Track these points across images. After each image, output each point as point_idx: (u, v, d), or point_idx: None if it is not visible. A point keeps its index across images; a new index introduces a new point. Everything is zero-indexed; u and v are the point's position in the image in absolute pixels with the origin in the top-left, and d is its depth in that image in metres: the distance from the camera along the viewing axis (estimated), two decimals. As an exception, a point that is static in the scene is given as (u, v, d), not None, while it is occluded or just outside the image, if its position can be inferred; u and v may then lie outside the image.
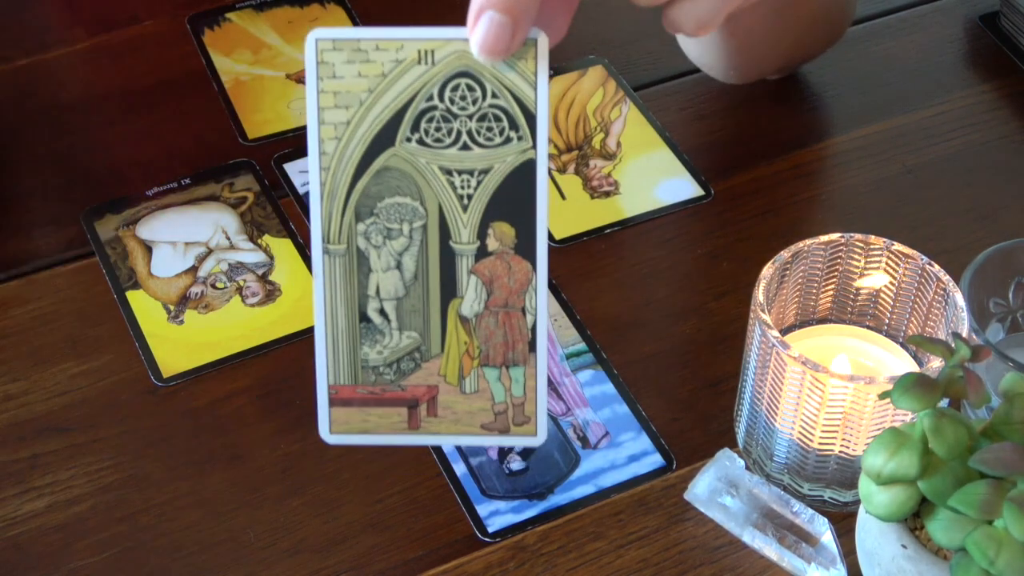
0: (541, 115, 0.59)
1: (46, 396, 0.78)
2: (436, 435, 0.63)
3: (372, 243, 0.61)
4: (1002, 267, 0.75)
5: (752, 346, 0.70)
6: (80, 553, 0.71)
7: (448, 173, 0.60)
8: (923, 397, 0.59)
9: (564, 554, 0.71)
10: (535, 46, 0.58)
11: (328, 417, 0.63)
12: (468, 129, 0.60)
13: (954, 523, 0.58)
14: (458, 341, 0.62)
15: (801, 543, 0.70)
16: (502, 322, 0.62)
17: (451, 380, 0.63)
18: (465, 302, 0.62)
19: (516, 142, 0.60)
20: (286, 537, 0.72)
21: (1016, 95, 0.95)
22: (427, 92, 0.59)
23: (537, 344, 0.62)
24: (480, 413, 0.63)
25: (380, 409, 0.63)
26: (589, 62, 0.96)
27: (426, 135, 0.60)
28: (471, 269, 0.61)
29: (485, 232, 0.61)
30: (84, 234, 0.86)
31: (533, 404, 0.62)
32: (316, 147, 0.60)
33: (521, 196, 0.60)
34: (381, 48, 0.59)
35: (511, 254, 0.61)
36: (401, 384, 0.62)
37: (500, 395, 0.63)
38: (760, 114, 0.94)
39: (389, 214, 0.60)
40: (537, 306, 0.61)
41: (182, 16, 1.00)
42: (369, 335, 0.62)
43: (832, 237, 0.72)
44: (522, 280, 0.61)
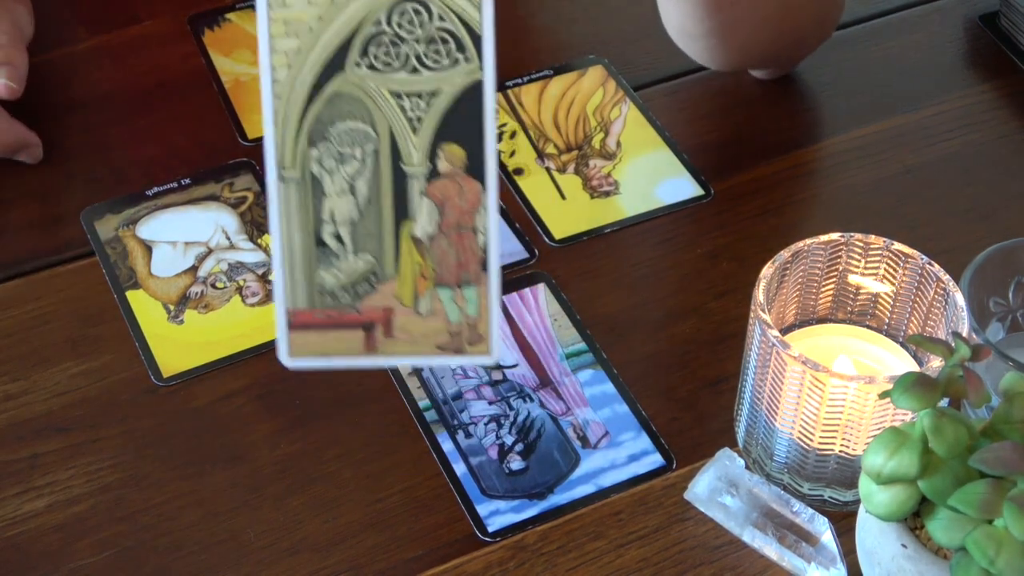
0: (487, 36, 0.60)
1: (46, 396, 0.78)
2: (393, 356, 0.64)
3: (325, 168, 0.62)
4: (1002, 267, 0.75)
5: (752, 346, 0.70)
6: (80, 553, 0.71)
7: (398, 96, 0.61)
8: (923, 397, 0.59)
9: (564, 554, 0.71)
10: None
11: (287, 341, 0.63)
12: (416, 53, 0.61)
13: (954, 523, 0.58)
14: (412, 263, 0.63)
15: (801, 542, 0.70)
16: (454, 242, 0.62)
17: (406, 302, 0.63)
18: (418, 224, 0.62)
19: (464, 64, 0.61)
20: (286, 537, 0.72)
21: (1016, 95, 0.95)
22: (374, 17, 0.60)
23: (489, 264, 0.62)
24: (435, 334, 0.63)
25: (337, 332, 0.63)
26: (589, 62, 0.96)
27: (375, 60, 0.61)
28: (423, 191, 0.62)
29: (436, 154, 0.62)
30: (84, 234, 0.86)
31: (487, 323, 0.63)
32: (268, 75, 0.61)
33: (470, 118, 0.61)
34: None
35: (462, 175, 0.62)
36: (357, 307, 0.63)
37: (455, 315, 0.63)
38: (760, 114, 0.94)
39: (341, 139, 0.61)
40: (489, 226, 0.62)
41: (182, 16, 1.00)
42: (325, 259, 0.63)
43: (832, 237, 0.72)
44: (473, 200, 0.62)
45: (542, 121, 0.93)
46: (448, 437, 0.76)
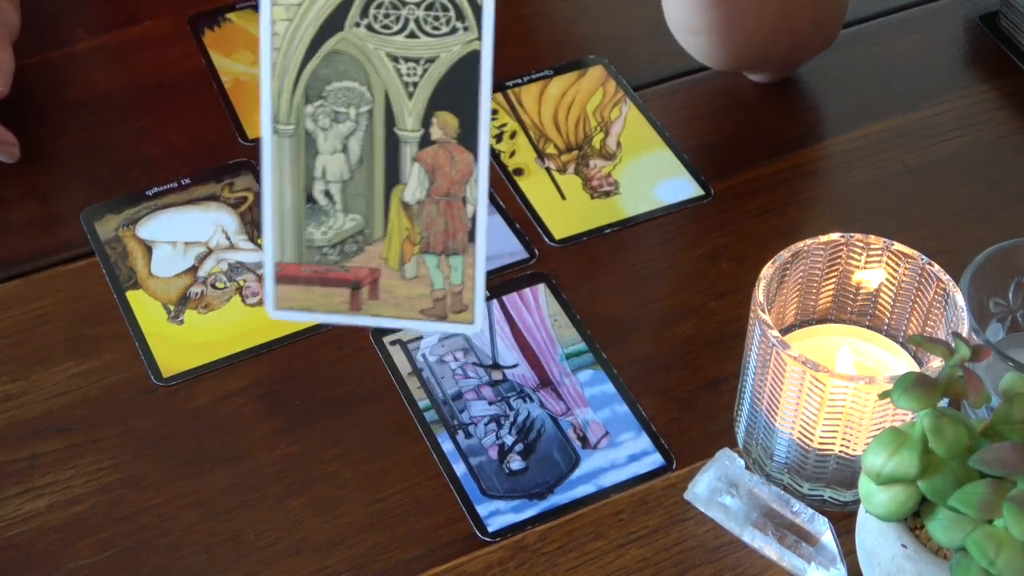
0: (487, 6, 0.60)
1: (46, 396, 0.78)
2: (376, 317, 0.64)
3: (320, 125, 0.62)
4: (1002, 267, 0.75)
5: (752, 346, 0.70)
6: (80, 553, 0.71)
7: (395, 60, 0.61)
8: (923, 397, 0.59)
9: (564, 554, 0.71)
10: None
11: (273, 293, 0.64)
12: (416, 17, 0.61)
13: (954, 523, 0.58)
14: (400, 227, 0.63)
15: (801, 543, 0.70)
16: (443, 210, 0.63)
17: (392, 264, 0.64)
18: (408, 189, 0.63)
19: (462, 32, 0.61)
20: (286, 537, 0.72)
21: (1016, 95, 0.95)
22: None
23: (476, 234, 0.63)
24: (419, 299, 0.64)
25: (324, 288, 0.64)
26: (589, 62, 0.96)
27: (375, 21, 0.61)
28: (415, 156, 0.62)
29: (429, 120, 0.62)
30: (84, 234, 0.86)
31: (471, 292, 0.64)
32: (268, 27, 0.61)
33: (465, 87, 0.61)
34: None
35: (454, 144, 0.62)
36: (344, 265, 0.64)
37: (439, 282, 0.64)
38: (760, 114, 0.94)
39: (337, 97, 0.62)
40: (478, 197, 0.62)
41: (182, 16, 1.00)
42: (314, 216, 0.63)
43: (832, 237, 0.72)
44: (464, 171, 0.62)
45: (542, 121, 0.93)
46: (448, 437, 0.76)
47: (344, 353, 0.79)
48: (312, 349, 0.80)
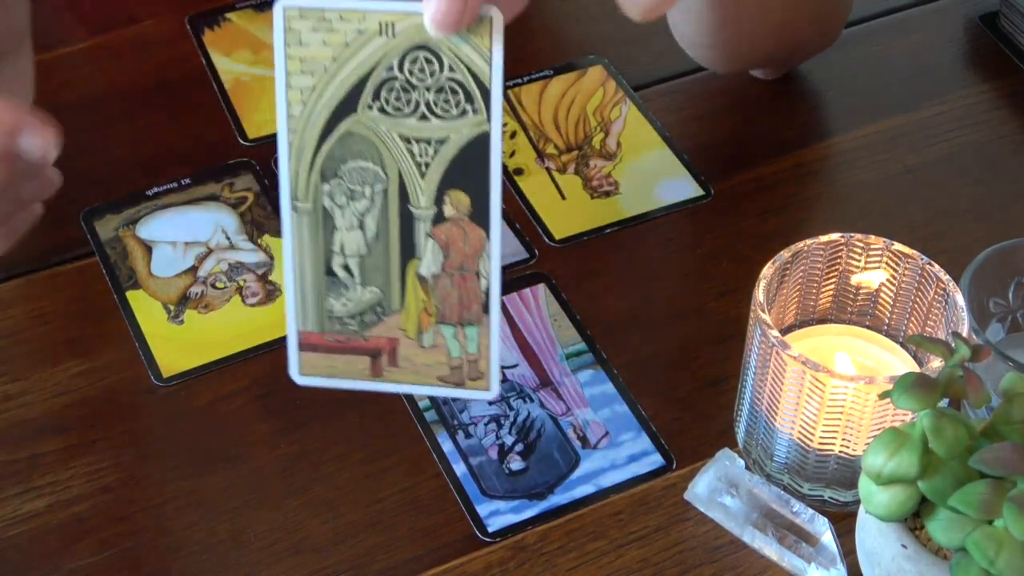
0: (495, 90, 0.61)
1: (46, 396, 0.78)
2: (397, 383, 0.66)
3: (336, 203, 0.63)
4: (1002, 267, 0.75)
5: (752, 346, 0.70)
6: (80, 553, 0.71)
7: (407, 141, 0.62)
8: (923, 397, 0.59)
9: (564, 554, 0.71)
10: (490, 23, 0.60)
11: (298, 360, 0.66)
12: (427, 100, 0.62)
13: (954, 523, 0.58)
14: (417, 299, 0.65)
15: (801, 543, 0.70)
16: (457, 284, 0.64)
17: (411, 334, 0.65)
18: (423, 263, 0.64)
19: (472, 115, 0.62)
20: (286, 537, 0.72)
21: (1016, 95, 0.95)
22: (387, 63, 0.61)
23: (491, 306, 0.64)
24: (437, 366, 0.65)
25: (345, 356, 0.66)
26: (589, 62, 0.96)
27: (387, 104, 0.62)
28: (429, 232, 0.64)
29: (442, 199, 0.63)
30: (84, 234, 0.86)
31: (487, 361, 0.65)
32: (284, 110, 0.62)
33: (476, 167, 0.62)
34: (344, 18, 0.61)
35: (466, 221, 0.63)
36: (364, 335, 0.65)
37: (456, 351, 0.65)
38: (760, 114, 0.94)
39: (352, 176, 0.63)
40: (491, 271, 0.64)
41: (182, 16, 1.00)
42: (334, 288, 0.65)
43: (832, 237, 0.72)
44: (476, 246, 0.63)
45: (542, 121, 0.93)
46: (448, 437, 0.76)
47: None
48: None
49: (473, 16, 0.59)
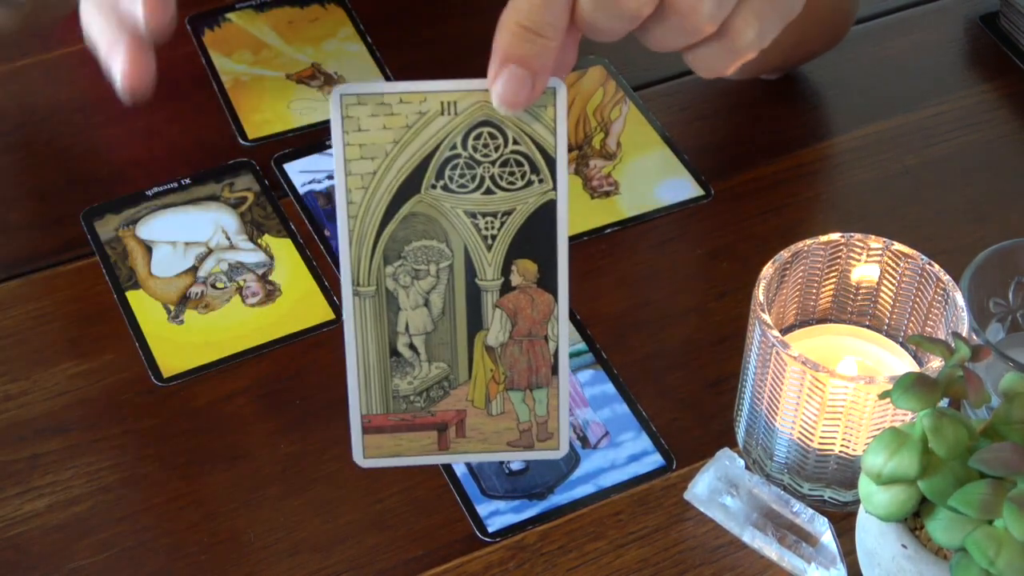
0: (560, 158, 0.62)
1: (46, 396, 0.78)
2: (465, 454, 0.66)
3: (400, 284, 0.64)
4: (1002, 267, 0.75)
5: (752, 346, 0.70)
6: (80, 553, 0.71)
7: (472, 216, 0.63)
8: (923, 397, 0.59)
9: (564, 554, 0.71)
10: (554, 95, 0.61)
11: (362, 444, 0.66)
12: (491, 174, 0.62)
13: (954, 523, 0.58)
14: (484, 369, 0.65)
15: (801, 543, 0.70)
16: (526, 350, 0.65)
17: (478, 404, 0.66)
18: (491, 333, 0.64)
19: (537, 184, 0.62)
20: (286, 537, 0.72)
21: (1016, 95, 0.95)
22: (451, 141, 0.61)
23: (559, 367, 0.65)
24: (506, 432, 0.66)
25: (411, 434, 0.66)
26: (589, 62, 0.96)
27: (451, 181, 0.62)
28: (496, 303, 0.64)
29: (509, 269, 0.63)
30: (84, 234, 0.86)
31: (556, 421, 0.66)
32: (344, 196, 0.62)
33: (542, 234, 0.63)
34: (404, 101, 0.61)
35: (534, 288, 0.64)
36: (431, 410, 0.65)
37: (524, 415, 0.66)
38: (760, 114, 0.94)
39: (416, 256, 0.63)
40: (560, 334, 0.64)
41: (182, 16, 1.00)
42: (400, 368, 0.65)
43: (832, 237, 0.72)
44: (544, 311, 0.64)
45: (542, 121, 0.93)
46: (448, 437, 0.76)
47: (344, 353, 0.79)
48: (312, 349, 0.80)
49: (541, 92, 0.59)
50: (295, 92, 0.94)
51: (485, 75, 0.60)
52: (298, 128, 0.92)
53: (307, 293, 0.83)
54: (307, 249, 0.85)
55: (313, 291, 0.83)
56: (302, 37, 0.98)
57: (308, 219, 0.87)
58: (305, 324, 0.81)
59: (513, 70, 0.58)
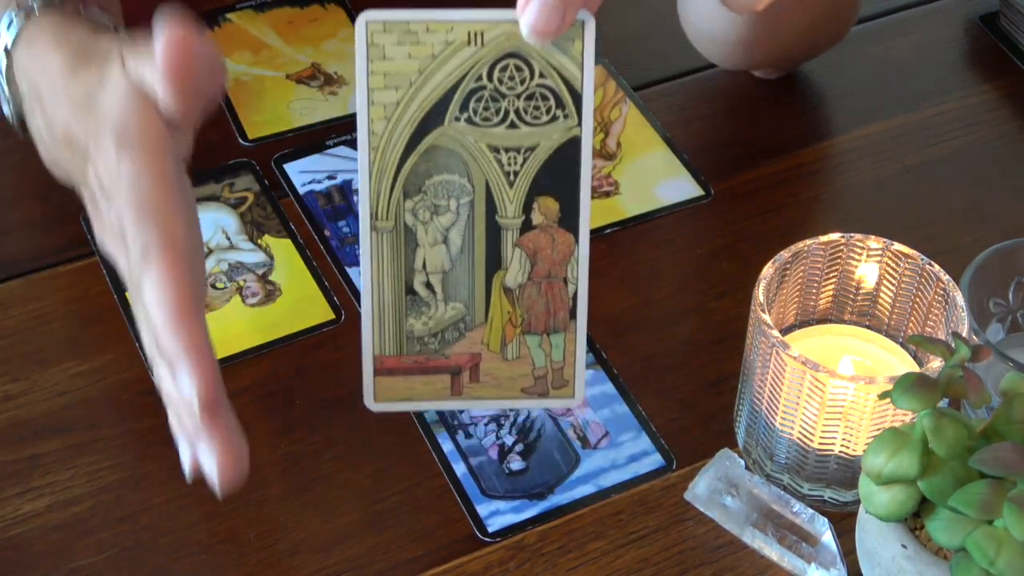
0: (587, 94, 0.61)
1: (46, 396, 0.78)
2: (478, 399, 0.65)
3: (419, 219, 0.62)
4: (1002, 267, 0.75)
5: (752, 346, 0.70)
6: (80, 553, 0.71)
7: (495, 151, 0.62)
8: (923, 397, 0.60)
9: (564, 554, 0.71)
10: (583, 28, 0.60)
11: (373, 387, 0.65)
12: (516, 108, 0.61)
13: (954, 523, 0.58)
14: (501, 311, 0.64)
15: (801, 543, 0.70)
16: (544, 292, 0.64)
17: (494, 348, 0.65)
18: (509, 273, 0.63)
19: (562, 120, 0.61)
20: (286, 537, 0.72)
21: (1016, 95, 0.95)
22: (476, 72, 0.60)
23: (577, 312, 0.64)
24: (521, 378, 0.65)
25: (424, 377, 0.65)
26: (589, 62, 0.96)
27: (475, 114, 0.61)
28: (516, 242, 0.63)
29: (530, 206, 0.62)
30: (84, 234, 0.86)
31: (572, 368, 0.65)
32: (366, 127, 0.61)
33: (566, 172, 0.62)
34: (431, 30, 0.60)
35: (555, 227, 0.63)
36: (445, 353, 0.64)
37: (540, 360, 0.65)
38: (760, 114, 0.94)
39: (437, 191, 0.62)
40: (579, 276, 0.63)
41: (182, 16, 1.00)
42: (415, 307, 0.64)
43: (832, 237, 0.72)
44: (565, 252, 0.63)
45: (542, 121, 0.93)
46: (448, 437, 0.76)
47: (344, 353, 0.79)
48: (312, 349, 0.80)
49: (571, 22, 0.59)
50: (295, 92, 0.94)
51: (513, 7, 0.59)
52: (298, 128, 0.92)
53: (307, 293, 0.83)
54: (307, 249, 0.85)
55: (313, 291, 0.83)
56: (302, 37, 0.98)
57: (308, 219, 0.87)
58: (305, 324, 0.81)
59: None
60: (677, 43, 0.94)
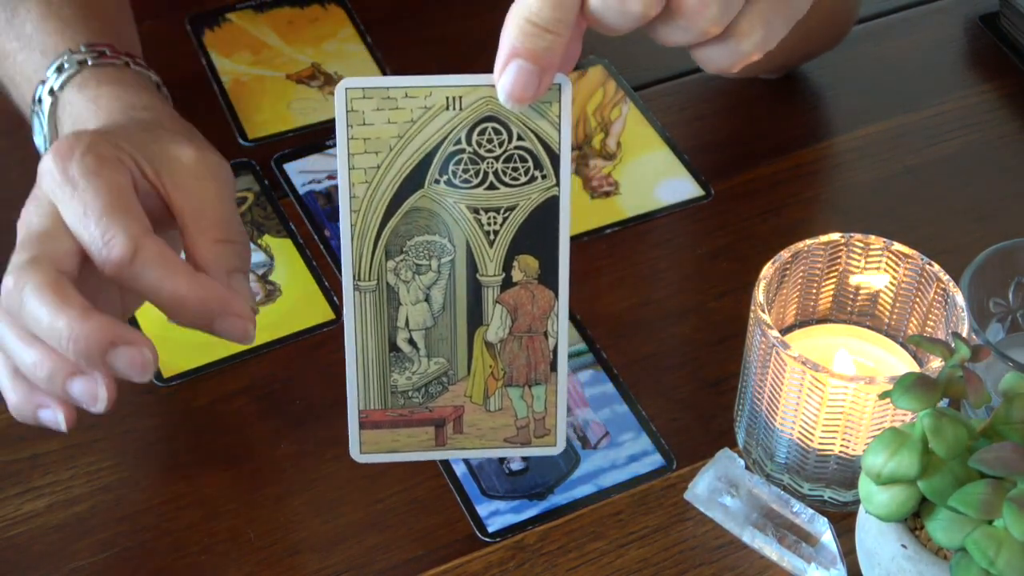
0: (564, 155, 0.62)
1: (46, 396, 0.78)
2: (462, 449, 0.67)
3: (401, 279, 0.64)
4: (1002, 267, 0.75)
5: (752, 346, 0.70)
6: (80, 553, 0.71)
7: (475, 211, 0.63)
8: (923, 397, 0.60)
9: (564, 554, 0.71)
10: (560, 91, 0.61)
11: (359, 439, 0.66)
12: (495, 170, 0.62)
13: (954, 523, 0.58)
14: (483, 364, 0.65)
15: (801, 543, 0.70)
16: (525, 346, 0.65)
17: (476, 400, 0.66)
18: (491, 329, 0.65)
19: (540, 180, 0.62)
20: (286, 537, 0.72)
21: (1016, 95, 0.95)
22: (455, 136, 0.61)
23: (558, 364, 0.65)
24: (503, 428, 0.66)
25: (408, 429, 0.66)
26: (589, 62, 0.96)
27: (454, 176, 0.62)
28: (496, 299, 0.64)
29: (510, 264, 0.64)
30: (84, 234, 0.86)
31: (553, 418, 0.66)
32: (347, 191, 0.62)
33: (545, 230, 0.63)
34: (410, 95, 0.61)
35: (535, 283, 0.64)
36: (429, 406, 0.66)
37: (523, 411, 0.66)
38: (760, 114, 0.94)
39: (418, 251, 0.63)
40: (559, 330, 0.64)
41: (182, 16, 1.00)
42: (399, 363, 0.65)
43: (832, 237, 0.72)
44: (545, 307, 0.64)
45: (542, 121, 0.93)
46: (448, 437, 0.76)
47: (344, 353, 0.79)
48: (312, 349, 0.80)
49: (548, 86, 0.59)
50: (295, 92, 0.94)
51: (489, 71, 0.60)
52: (298, 128, 0.92)
53: (307, 293, 0.83)
54: (307, 249, 0.85)
55: (313, 291, 0.83)
56: (302, 37, 0.98)
57: (308, 219, 0.87)
58: (305, 324, 0.81)
59: (520, 65, 0.58)
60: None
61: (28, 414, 0.65)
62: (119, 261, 0.62)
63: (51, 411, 0.64)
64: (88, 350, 0.60)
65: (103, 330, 0.60)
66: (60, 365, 0.62)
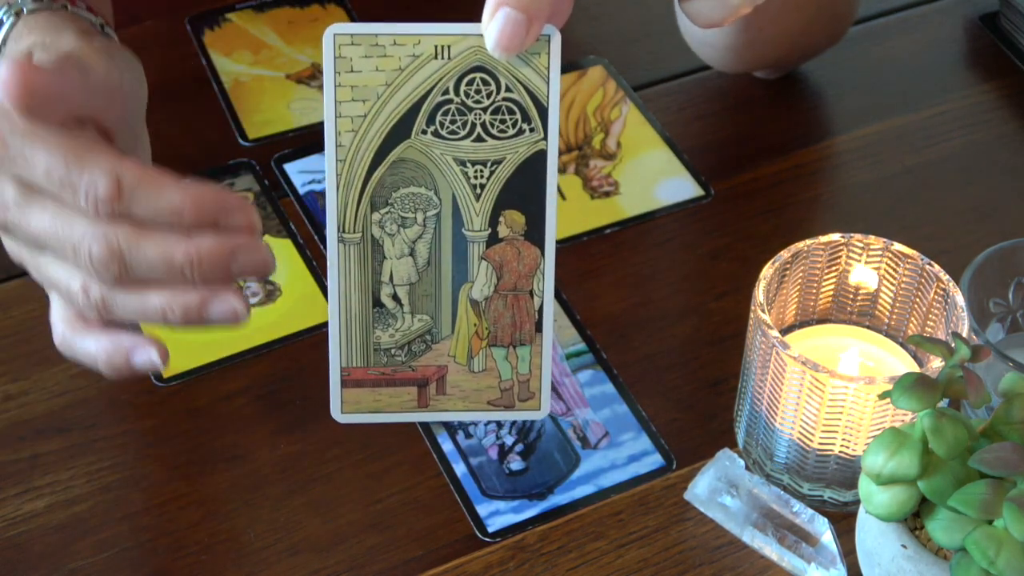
0: (552, 108, 0.61)
1: (46, 396, 0.78)
2: (444, 412, 0.66)
3: (387, 231, 0.63)
4: (1002, 267, 0.75)
5: (752, 346, 0.70)
6: (80, 553, 0.71)
7: (462, 164, 0.62)
8: (923, 397, 0.60)
9: (564, 554, 0.71)
10: (548, 42, 0.60)
11: (340, 398, 0.65)
12: (482, 121, 0.61)
13: (954, 523, 0.58)
14: (468, 323, 0.64)
15: (801, 543, 0.70)
16: (510, 304, 0.64)
17: (460, 360, 0.65)
18: (476, 286, 0.64)
19: (528, 133, 0.62)
20: (286, 537, 0.72)
21: (1016, 95, 0.95)
22: (443, 86, 0.61)
23: (543, 324, 0.64)
24: (487, 390, 0.65)
25: (391, 389, 0.65)
26: (589, 62, 0.96)
27: (441, 127, 0.61)
28: (482, 255, 0.63)
29: (496, 220, 0.63)
30: (84, 234, 0.86)
31: (538, 380, 0.65)
32: (333, 139, 0.61)
33: (532, 185, 0.62)
34: (398, 43, 0.60)
35: (521, 240, 0.63)
36: (412, 365, 0.65)
37: (507, 373, 0.65)
38: (760, 114, 0.94)
39: (404, 203, 0.62)
40: (545, 289, 0.64)
41: (182, 16, 1.00)
42: (382, 319, 0.64)
43: (832, 237, 0.72)
44: (531, 264, 0.63)
45: (542, 121, 0.93)
46: (448, 437, 0.76)
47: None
48: (312, 349, 0.80)
49: (536, 37, 0.59)
50: (295, 92, 0.94)
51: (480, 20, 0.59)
52: (298, 128, 0.92)
53: (307, 293, 0.83)
54: (307, 249, 0.85)
55: (313, 291, 0.83)
56: (302, 37, 0.98)
57: (308, 219, 0.87)
58: (305, 324, 0.81)
59: (509, 13, 0.58)
60: (677, 43, 0.94)
61: (120, 362, 0.63)
62: (108, 196, 0.60)
63: (144, 351, 0.62)
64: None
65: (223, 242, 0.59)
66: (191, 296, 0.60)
